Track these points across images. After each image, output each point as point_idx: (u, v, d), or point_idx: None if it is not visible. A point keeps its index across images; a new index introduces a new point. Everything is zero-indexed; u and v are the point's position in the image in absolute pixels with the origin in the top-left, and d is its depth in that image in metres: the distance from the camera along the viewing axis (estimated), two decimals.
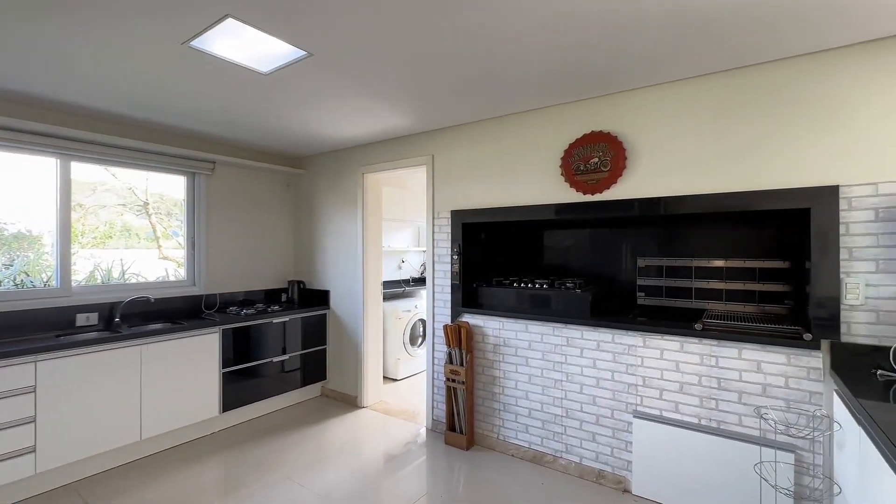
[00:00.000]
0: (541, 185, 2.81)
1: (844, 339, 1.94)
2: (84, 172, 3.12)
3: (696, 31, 1.83)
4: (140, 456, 2.87)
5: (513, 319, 2.93)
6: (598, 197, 2.60)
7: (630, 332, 2.48)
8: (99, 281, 3.23)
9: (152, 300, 3.21)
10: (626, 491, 2.46)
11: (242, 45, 1.96)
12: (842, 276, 1.94)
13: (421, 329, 4.86)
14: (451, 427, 3.09)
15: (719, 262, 2.65)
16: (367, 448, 3.05)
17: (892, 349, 1.75)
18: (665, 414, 2.38)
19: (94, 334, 2.85)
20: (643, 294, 2.93)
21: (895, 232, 1.85)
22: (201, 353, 3.12)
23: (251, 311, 3.59)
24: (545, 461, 2.77)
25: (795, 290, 2.43)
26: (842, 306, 1.95)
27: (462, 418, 3.04)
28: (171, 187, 3.64)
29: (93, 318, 3.01)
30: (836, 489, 1.83)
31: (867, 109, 1.90)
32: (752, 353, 2.14)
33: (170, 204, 3.69)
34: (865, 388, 1.63)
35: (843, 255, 1.94)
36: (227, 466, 2.79)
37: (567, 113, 2.71)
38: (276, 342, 3.63)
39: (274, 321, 3.60)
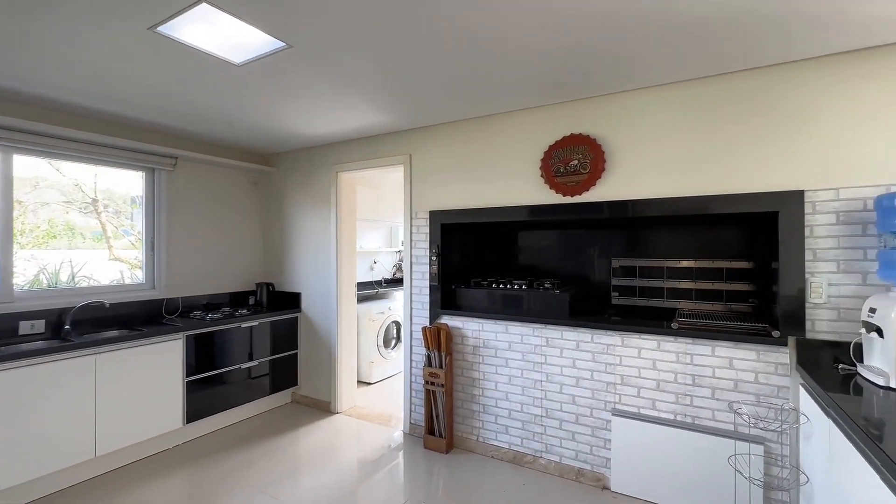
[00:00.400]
0: (521, 187, 2.82)
1: (809, 335, 2.06)
2: (24, 167, 2.85)
3: (679, 36, 1.88)
4: (95, 474, 2.65)
5: (492, 321, 2.92)
6: (577, 199, 2.63)
7: (609, 332, 2.53)
8: (45, 285, 2.96)
9: (107, 305, 2.98)
10: (606, 488, 2.50)
11: (215, 33, 1.84)
12: (807, 276, 2.06)
13: (395, 331, 4.78)
14: (431, 431, 3.04)
15: (689, 263, 2.75)
16: (342, 456, 2.95)
17: (851, 344, 1.86)
18: (643, 411, 2.44)
19: (40, 343, 2.61)
20: (617, 294, 3.00)
21: (854, 234, 1.98)
22: (163, 360, 2.92)
23: (217, 315, 3.40)
24: (525, 461, 2.78)
25: (759, 288, 2.56)
26: (807, 304, 2.06)
27: (441, 421, 3.00)
28: (121, 183, 3.37)
29: (39, 325, 2.75)
30: (803, 478, 1.93)
31: (832, 119, 2.02)
32: (725, 351, 2.23)
33: (119, 201, 3.42)
34: (829, 382, 1.73)
35: (807, 256, 2.06)
36: (193, 481, 2.62)
37: (548, 115, 2.73)
38: (245, 348, 3.46)
39: (242, 325, 3.43)
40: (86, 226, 3.30)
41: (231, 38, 1.89)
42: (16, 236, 2.80)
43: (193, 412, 3.08)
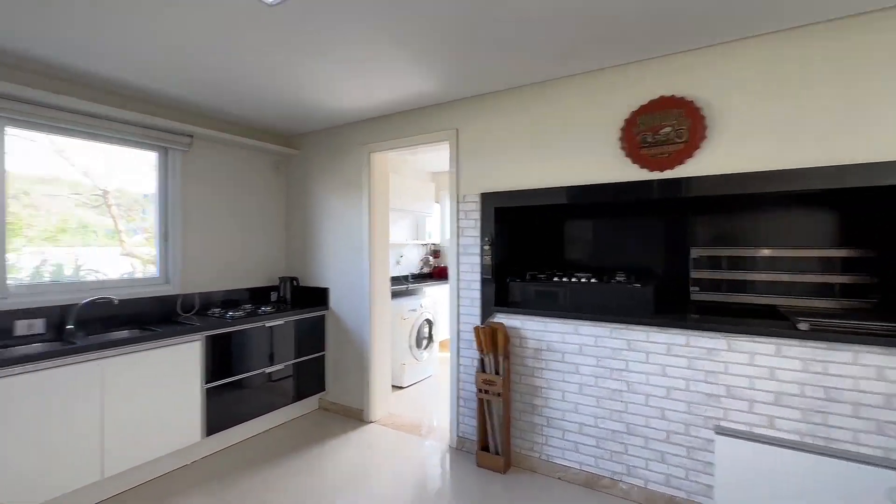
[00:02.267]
0: (594, 162, 2.39)
1: None
2: (27, 153, 2.47)
3: None
4: (102, 499, 2.28)
5: (558, 320, 2.50)
6: (667, 174, 2.20)
7: (710, 334, 2.10)
8: (46, 279, 2.60)
9: (116, 302, 2.61)
10: None
11: None
12: None
13: (427, 331, 4.38)
14: (484, 446, 2.64)
15: (789, 252, 2.31)
16: (383, 475, 2.56)
17: None
18: (756, 430, 2.01)
19: (38, 346, 2.25)
20: (697, 288, 2.56)
21: None
22: (181, 365, 2.55)
23: (239, 312, 3.02)
24: (601, 485, 2.37)
25: (882, 282, 2.11)
26: None
27: (497, 435, 2.59)
28: (133, 181, 2.94)
29: (38, 325, 2.39)
30: None
31: None
32: (873, 358, 1.79)
33: (130, 199, 3.02)
34: None
35: None
36: None
37: (629, 74, 2.29)
38: (270, 349, 3.08)
39: (267, 324, 3.04)
40: (98, 222, 2.91)
41: None
42: (22, 229, 2.45)
43: (214, 424, 2.71)
